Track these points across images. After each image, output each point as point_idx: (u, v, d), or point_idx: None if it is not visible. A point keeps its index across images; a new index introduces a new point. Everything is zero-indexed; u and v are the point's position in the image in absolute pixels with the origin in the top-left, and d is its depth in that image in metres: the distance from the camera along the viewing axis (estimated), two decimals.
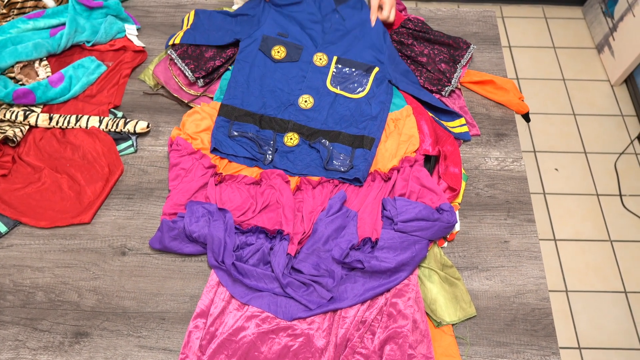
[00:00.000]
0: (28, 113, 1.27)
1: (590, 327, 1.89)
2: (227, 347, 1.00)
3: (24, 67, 1.36)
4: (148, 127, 1.29)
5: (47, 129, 1.28)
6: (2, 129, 1.25)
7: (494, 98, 1.37)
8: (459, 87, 1.37)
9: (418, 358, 1.00)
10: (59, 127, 1.28)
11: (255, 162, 1.22)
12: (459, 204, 1.19)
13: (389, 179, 1.18)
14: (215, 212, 1.12)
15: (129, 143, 1.28)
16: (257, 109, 1.27)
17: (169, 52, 1.35)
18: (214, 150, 1.22)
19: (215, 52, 1.34)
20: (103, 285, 1.10)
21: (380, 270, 1.05)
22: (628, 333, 1.87)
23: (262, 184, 1.19)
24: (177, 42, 1.36)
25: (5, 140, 1.25)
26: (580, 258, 2.03)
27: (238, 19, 1.40)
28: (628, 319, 1.89)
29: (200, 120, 1.26)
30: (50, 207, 1.18)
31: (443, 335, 1.04)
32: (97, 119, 1.28)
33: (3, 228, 1.15)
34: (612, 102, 2.43)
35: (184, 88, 1.34)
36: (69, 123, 1.28)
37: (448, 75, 1.34)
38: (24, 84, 1.32)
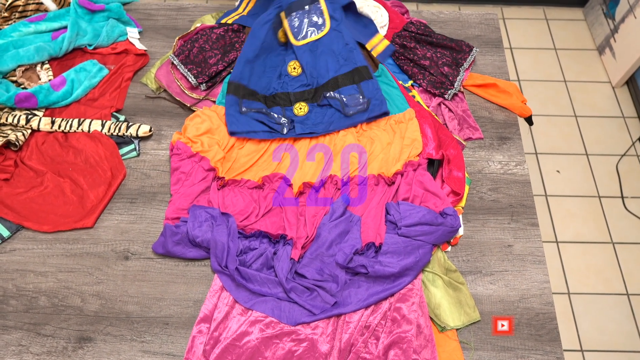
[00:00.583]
0: (30, 117, 1.27)
1: (593, 329, 1.89)
2: (231, 352, 1.00)
3: (26, 70, 1.36)
4: (150, 130, 1.29)
5: (49, 133, 1.28)
6: (4, 133, 1.25)
7: (497, 101, 1.37)
8: (462, 90, 1.37)
9: None
10: (61, 131, 1.28)
11: (275, 133, 1.23)
12: (463, 208, 1.19)
13: (393, 183, 1.18)
14: (219, 216, 1.12)
15: (132, 147, 1.28)
16: (261, 89, 1.29)
17: (171, 58, 1.35)
18: (232, 134, 1.23)
19: (220, 57, 1.34)
20: (106, 290, 1.09)
21: (384, 275, 1.05)
22: (630, 335, 1.87)
23: (264, 188, 1.19)
24: (229, 22, 1.40)
25: (8, 144, 1.24)
26: (582, 260, 2.02)
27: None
28: (630, 321, 1.89)
29: (201, 124, 1.25)
30: (53, 211, 1.18)
31: (447, 340, 1.04)
32: (99, 123, 1.28)
33: (6, 232, 1.15)
34: (613, 103, 2.43)
35: (186, 91, 1.33)
36: (71, 127, 1.28)
37: (451, 79, 1.34)
38: (26, 88, 1.32)
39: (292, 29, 1.32)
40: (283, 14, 1.34)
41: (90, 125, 1.28)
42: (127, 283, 1.10)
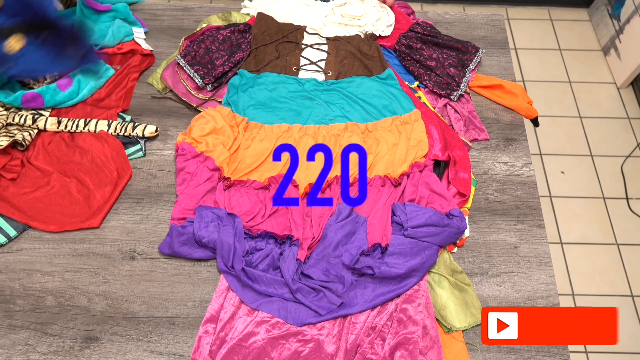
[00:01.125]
0: (37, 117, 1.27)
1: None
2: (237, 352, 1.00)
3: None
4: (156, 131, 1.29)
5: (55, 133, 1.28)
6: (11, 133, 1.25)
7: (503, 102, 1.37)
8: (468, 91, 1.37)
9: None
10: (68, 131, 1.28)
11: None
12: (469, 209, 1.19)
13: (399, 185, 1.18)
14: (225, 217, 1.12)
15: (138, 147, 1.28)
16: None
17: (178, 59, 1.35)
18: None
19: (226, 58, 1.34)
20: (113, 290, 1.10)
21: (390, 276, 1.05)
22: (635, 337, 1.87)
23: (270, 189, 1.19)
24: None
25: (14, 144, 1.25)
26: (587, 262, 2.02)
27: None
28: (635, 323, 1.89)
29: (205, 124, 1.25)
30: (60, 211, 1.18)
31: (453, 342, 1.04)
32: (105, 123, 1.28)
33: (12, 232, 1.15)
34: (618, 104, 2.42)
35: (192, 92, 1.34)
36: (78, 127, 1.28)
37: (457, 80, 1.34)
38: (32, 88, 1.32)
39: None
40: None
41: (97, 126, 1.28)
42: (133, 283, 1.11)
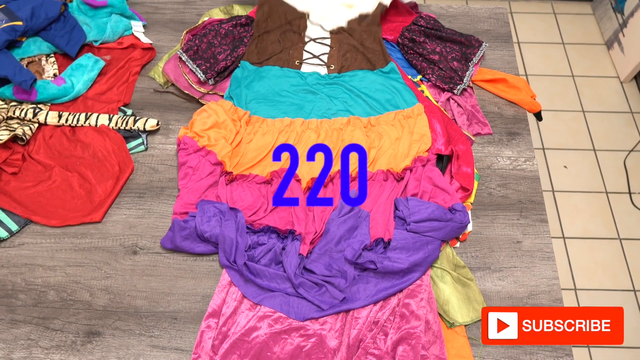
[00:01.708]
0: (37, 111, 1.27)
1: None
2: (239, 347, 1.00)
3: (30, 63, 1.36)
4: (158, 124, 1.28)
5: (56, 127, 1.28)
6: (11, 127, 1.25)
7: (506, 96, 1.36)
8: (471, 85, 1.36)
9: (431, 359, 0.99)
10: (69, 125, 1.28)
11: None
12: (472, 204, 1.19)
13: (402, 179, 1.17)
14: (227, 211, 1.12)
15: (139, 141, 1.27)
16: None
17: (180, 53, 1.34)
18: None
19: (229, 53, 1.34)
20: (115, 285, 1.10)
21: (393, 271, 1.05)
22: (637, 331, 1.87)
23: (273, 183, 1.18)
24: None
25: (15, 139, 1.24)
26: (589, 256, 2.02)
27: None
28: (637, 318, 1.89)
29: (207, 118, 1.25)
30: (61, 205, 1.18)
31: (456, 336, 1.04)
32: (106, 117, 1.28)
33: (14, 227, 1.15)
34: (621, 98, 2.41)
35: (194, 86, 1.33)
36: (79, 121, 1.27)
37: (460, 74, 1.33)
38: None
39: None
40: None
41: (98, 120, 1.27)
42: (135, 278, 1.10)
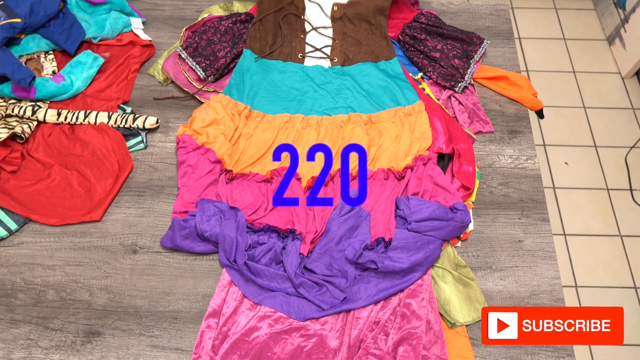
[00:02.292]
0: (36, 108, 1.26)
1: None
2: (239, 347, 1.00)
3: (29, 60, 1.35)
4: (157, 122, 1.27)
5: (55, 125, 1.27)
6: (10, 125, 1.24)
7: (508, 94, 1.35)
8: (472, 83, 1.36)
9: (432, 359, 0.99)
10: (68, 123, 1.27)
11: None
12: (473, 203, 1.18)
13: (403, 178, 1.16)
14: (227, 210, 1.11)
15: (139, 139, 1.27)
16: None
17: (179, 51, 1.33)
18: None
19: (228, 50, 1.33)
20: (114, 284, 1.09)
21: (394, 271, 1.04)
22: (639, 329, 1.86)
23: (273, 182, 1.18)
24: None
25: (14, 137, 1.24)
26: (590, 253, 2.01)
27: None
28: (638, 315, 1.89)
29: (207, 115, 1.24)
30: (61, 204, 1.17)
31: (457, 336, 1.03)
32: (105, 115, 1.27)
33: (13, 225, 1.14)
34: (622, 94, 2.40)
35: (194, 83, 1.32)
36: (78, 119, 1.27)
37: (461, 71, 1.32)
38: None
39: None
40: None
41: (97, 117, 1.27)
42: (135, 277, 1.10)
